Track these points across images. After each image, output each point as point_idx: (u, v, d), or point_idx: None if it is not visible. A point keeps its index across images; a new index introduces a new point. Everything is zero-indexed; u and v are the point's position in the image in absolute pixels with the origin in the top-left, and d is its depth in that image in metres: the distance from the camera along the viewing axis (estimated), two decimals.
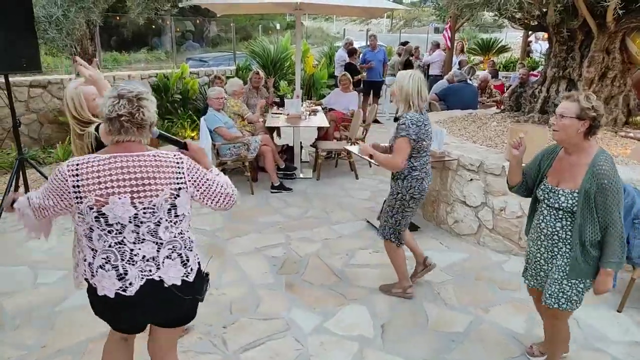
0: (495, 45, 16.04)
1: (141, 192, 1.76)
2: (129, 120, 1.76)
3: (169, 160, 1.84)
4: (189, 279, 1.90)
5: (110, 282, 1.79)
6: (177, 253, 1.87)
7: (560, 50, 5.44)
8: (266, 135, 6.03)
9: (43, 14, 4.22)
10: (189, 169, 1.88)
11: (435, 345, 2.94)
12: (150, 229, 1.81)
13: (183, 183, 1.85)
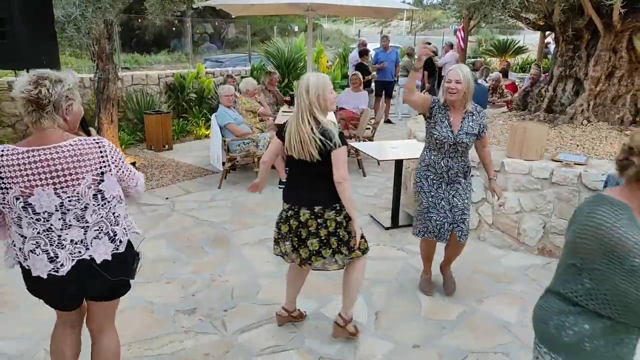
0: (512, 47, 15.94)
1: (63, 183, 1.81)
2: (27, 99, 1.77)
3: (89, 146, 1.86)
4: (119, 251, 2.00)
5: (42, 264, 1.87)
6: (104, 232, 1.95)
7: (566, 49, 5.45)
8: (275, 132, 6.18)
9: (62, 13, 4.45)
10: (111, 151, 1.94)
11: (426, 332, 3.04)
12: (77, 215, 1.88)
13: (107, 166, 1.90)
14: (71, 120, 1.92)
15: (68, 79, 1.87)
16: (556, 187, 3.96)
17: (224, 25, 19.61)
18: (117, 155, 1.97)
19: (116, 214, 1.99)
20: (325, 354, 2.81)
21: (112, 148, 1.96)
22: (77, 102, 1.93)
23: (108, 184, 1.92)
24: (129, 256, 2.07)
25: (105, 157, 1.90)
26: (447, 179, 3.19)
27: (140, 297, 3.34)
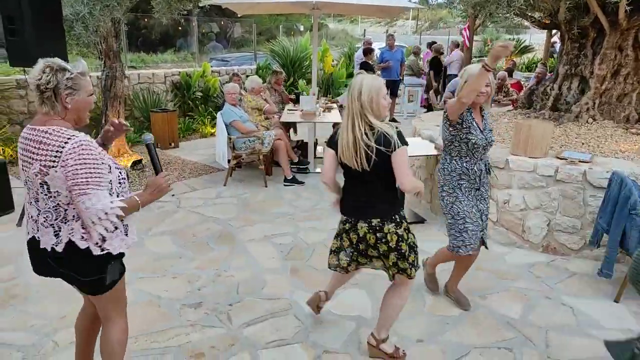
0: (518, 46, 15.89)
1: (25, 163, 1.93)
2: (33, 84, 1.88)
3: (54, 139, 1.86)
4: (57, 249, 1.95)
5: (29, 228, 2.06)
6: (49, 223, 1.95)
7: (572, 47, 5.45)
8: (280, 130, 6.21)
9: (71, 12, 4.51)
10: (69, 154, 1.83)
11: (430, 327, 3.06)
12: (34, 196, 1.97)
13: (55, 163, 1.85)
14: (73, 109, 1.93)
15: (75, 69, 1.91)
16: (561, 185, 3.96)
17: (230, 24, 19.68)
18: (76, 160, 1.83)
19: (67, 211, 1.94)
20: (330, 348, 2.84)
21: (77, 151, 1.84)
22: (82, 92, 1.93)
23: (53, 179, 1.88)
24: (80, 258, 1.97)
25: (60, 153, 1.84)
26: (478, 184, 3.04)
27: (147, 292, 3.39)
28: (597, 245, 3.63)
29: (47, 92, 1.87)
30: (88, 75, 1.98)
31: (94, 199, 1.85)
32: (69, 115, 1.94)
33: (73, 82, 1.90)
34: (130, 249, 2.11)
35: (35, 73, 1.87)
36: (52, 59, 1.91)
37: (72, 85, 1.90)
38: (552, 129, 4.24)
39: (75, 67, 1.92)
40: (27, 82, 1.96)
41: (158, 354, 2.75)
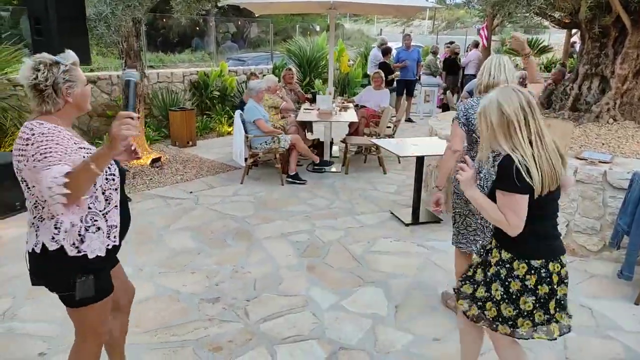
0: (537, 46, 15.67)
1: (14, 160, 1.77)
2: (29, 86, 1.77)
3: (23, 132, 1.73)
4: (35, 250, 1.82)
5: None
6: (31, 222, 1.85)
7: (592, 47, 5.38)
8: (297, 135, 6.18)
9: (94, 11, 4.61)
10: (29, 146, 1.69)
11: (446, 326, 3.05)
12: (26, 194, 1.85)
13: (24, 158, 1.71)
14: (75, 103, 1.84)
15: (67, 60, 1.82)
16: (580, 185, 3.92)
17: (247, 24, 19.80)
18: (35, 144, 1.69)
19: (44, 208, 1.79)
20: (346, 345, 2.86)
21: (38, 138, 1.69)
22: (79, 83, 1.84)
23: (26, 175, 1.75)
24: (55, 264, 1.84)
25: (26, 145, 1.70)
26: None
27: (167, 286, 3.45)
28: (617, 246, 3.58)
29: (48, 90, 1.76)
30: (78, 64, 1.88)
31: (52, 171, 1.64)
32: (71, 109, 1.85)
33: (70, 74, 1.81)
34: (148, 244, 2.15)
35: (27, 73, 1.75)
36: (40, 55, 1.80)
37: (70, 78, 1.81)
38: (571, 129, 4.20)
39: (67, 59, 1.83)
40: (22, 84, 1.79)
41: (177, 347, 2.80)
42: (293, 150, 5.90)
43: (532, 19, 6.45)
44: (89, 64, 4.66)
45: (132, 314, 2.53)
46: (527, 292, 1.95)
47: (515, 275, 1.97)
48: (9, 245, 4.05)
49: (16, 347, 2.77)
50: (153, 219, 4.66)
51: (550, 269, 1.95)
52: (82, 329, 2.00)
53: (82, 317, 1.94)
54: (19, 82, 1.83)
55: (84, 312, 1.91)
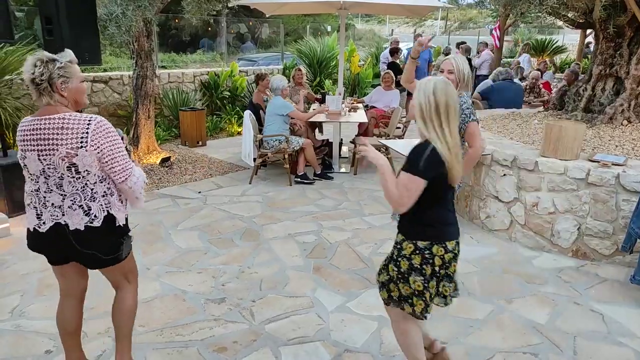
0: (550, 46, 15.50)
1: (44, 151, 2.01)
2: (29, 79, 1.99)
3: (76, 122, 2.00)
4: (94, 225, 2.10)
5: (32, 218, 2.15)
6: (78, 204, 2.07)
7: (607, 47, 5.28)
8: (309, 140, 6.15)
9: (105, 12, 4.65)
10: (95, 131, 2.00)
11: (453, 329, 3.02)
12: (56, 182, 2.06)
13: (84, 143, 1.99)
14: (69, 96, 2.06)
15: (64, 58, 2.02)
16: (592, 188, 3.85)
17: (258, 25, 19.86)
18: (103, 138, 2.03)
19: (94, 190, 2.09)
20: (351, 347, 2.84)
21: (101, 129, 2.02)
22: (74, 79, 2.05)
23: (82, 159, 2.01)
24: (107, 233, 2.15)
25: (86, 134, 1.99)
26: None
27: (173, 286, 3.46)
28: (629, 251, 3.51)
29: (43, 84, 1.98)
30: (75, 62, 2.09)
31: (135, 171, 2.12)
32: (67, 104, 2.06)
33: (64, 70, 2.01)
34: (156, 243, 2.20)
35: (28, 68, 1.98)
36: (39, 53, 2.01)
37: (64, 74, 2.00)
38: (584, 131, 4.13)
39: (64, 57, 2.03)
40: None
41: (182, 347, 2.80)
42: (302, 151, 5.89)
43: (545, 19, 6.37)
44: (100, 63, 4.69)
45: (138, 313, 2.55)
46: (414, 271, 2.14)
47: (403, 254, 2.17)
48: (19, 243, 4.10)
49: (23, 344, 2.80)
50: (161, 218, 4.68)
51: (433, 252, 2.12)
52: (125, 276, 2.37)
53: (124, 267, 2.32)
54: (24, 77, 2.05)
55: (124, 263, 2.30)
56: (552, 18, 6.08)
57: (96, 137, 2.01)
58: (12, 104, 6.15)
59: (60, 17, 4.30)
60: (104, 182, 2.13)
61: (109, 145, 2.05)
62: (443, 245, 2.14)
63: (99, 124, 2.02)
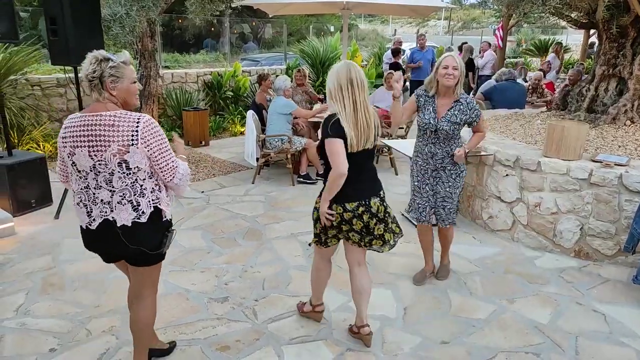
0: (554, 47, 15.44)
1: (95, 147, 2.06)
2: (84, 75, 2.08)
3: (126, 120, 2.06)
4: (141, 220, 2.15)
5: (83, 217, 2.20)
6: (127, 200, 2.12)
7: (610, 47, 5.27)
8: (311, 141, 6.16)
9: (109, 12, 4.67)
10: (144, 130, 2.06)
11: (455, 329, 3.02)
12: (106, 178, 2.10)
13: (135, 140, 2.05)
14: (118, 96, 2.12)
15: (118, 58, 2.09)
16: (595, 188, 3.85)
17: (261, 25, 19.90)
18: (152, 136, 2.09)
19: (143, 186, 2.14)
20: (354, 347, 2.85)
21: (151, 128, 2.08)
22: (125, 79, 2.11)
23: (133, 156, 2.06)
24: (153, 229, 2.20)
25: (136, 132, 2.04)
26: (432, 166, 3.32)
27: (176, 284, 3.48)
28: (632, 251, 3.51)
29: (94, 81, 2.05)
30: (130, 63, 2.15)
31: (180, 170, 2.19)
32: (117, 102, 2.12)
33: (116, 70, 2.07)
34: None
35: (85, 65, 2.07)
36: (99, 51, 2.09)
37: (115, 73, 2.07)
38: (587, 131, 4.13)
39: (119, 57, 2.10)
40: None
41: (185, 346, 2.82)
42: (304, 151, 5.91)
43: (548, 19, 6.37)
44: None
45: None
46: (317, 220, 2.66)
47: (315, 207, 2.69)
48: (25, 242, 4.13)
49: (28, 343, 2.82)
50: None
51: (332, 209, 2.55)
52: (152, 281, 2.40)
53: (154, 272, 2.36)
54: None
55: (155, 268, 2.35)
56: (555, 18, 6.07)
57: (145, 135, 2.06)
58: (16, 104, 6.20)
59: (65, 17, 4.33)
60: (152, 177, 2.19)
61: (158, 143, 2.11)
62: (342, 205, 2.53)
63: (147, 123, 2.07)
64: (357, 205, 2.54)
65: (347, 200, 2.53)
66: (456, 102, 3.21)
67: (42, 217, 4.65)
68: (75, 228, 4.36)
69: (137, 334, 2.42)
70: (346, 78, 2.41)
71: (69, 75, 5.36)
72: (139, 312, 2.39)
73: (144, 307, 2.39)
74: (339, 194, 2.51)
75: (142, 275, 2.34)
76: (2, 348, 2.77)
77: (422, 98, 3.30)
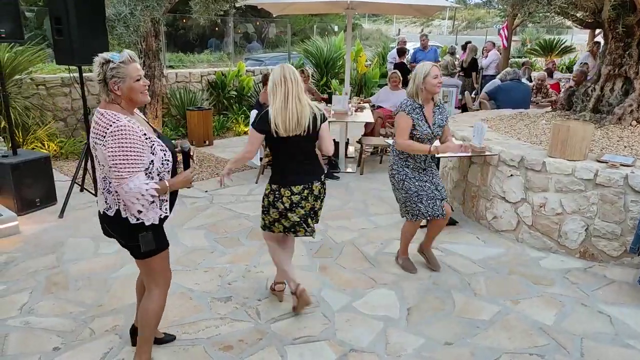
0: (558, 46, 15.39)
1: (92, 139, 2.19)
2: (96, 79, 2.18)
3: (105, 121, 2.12)
4: (108, 213, 2.26)
5: (102, 203, 2.33)
6: (102, 191, 2.28)
7: (616, 47, 5.24)
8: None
9: (113, 12, 4.68)
10: (111, 134, 2.08)
11: (459, 330, 3.01)
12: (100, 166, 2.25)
13: (102, 140, 2.12)
14: (123, 95, 2.17)
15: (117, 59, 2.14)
16: (600, 189, 3.82)
17: (265, 25, 19.90)
18: (114, 142, 2.07)
19: (111, 183, 2.20)
20: (357, 347, 2.84)
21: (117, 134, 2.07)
22: (127, 79, 2.15)
23: (99, 154, 2.16)
24: (121, 224, 2.26)
25: (105, 134, 2.10)
26: (424, 165, 3.53)
27: (180, 284, 3.47)
28: (638, 252, 3.48)
29: (101, 83, 2.15)
30: (132, 62, 2.17)
31: (130, 183, 2.11)
32: (123, 100, 2.18)
33: (116, 71, 2.12)
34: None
35: (94, 68, 2.17)
36: (103, 54, 2.16)
37: (116, 74, 2.12)
38: (592, 131, 4.10)
39: (118, 58, 2.14)
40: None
41: (188, 345, 2.82)
42: None
43: (553, 19, 6.33)
44: None
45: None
46: (271, 206, 2.98)
47: (265, 194, 3.02)
48: (29, 241, 4.14)
49: (32, 341, 2.82)
50: None
51: (281, 193, 2.91)
52: (152, 276, 2.44)
53: (151, 265, 2.39)
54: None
55: (151, 261, 2.37)
56: (560, 18, 6.04)
57: (109, 139, 2.08)
58: (21, 104, 6.22)
59: (70, 17, 4.34)
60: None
61: (115, 150, 2.08)
62: (289, 189, 2.88)
63: (117, 129, 2.08)
64: (302, 189, 2.90)
65: (292, 184, 2.91)
66: (436, 106, 3.52)
67: (46, 216, 4.67)
68: (79, 228, 4.42)
69: (140, 323, 2.53)
70: (280, 76, 2.81)
71: (74, 75, 5.36)
72: (143, 301, 2.49)
73: (147, 297, 2.48)
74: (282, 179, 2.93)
75: (139, 266, 2.44)
76: (6, 347, 2.77)
77: (414, 112, 3.42)
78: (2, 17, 4.31)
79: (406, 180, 3.51)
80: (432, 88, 3.33)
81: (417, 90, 3.40)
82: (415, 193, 3.50)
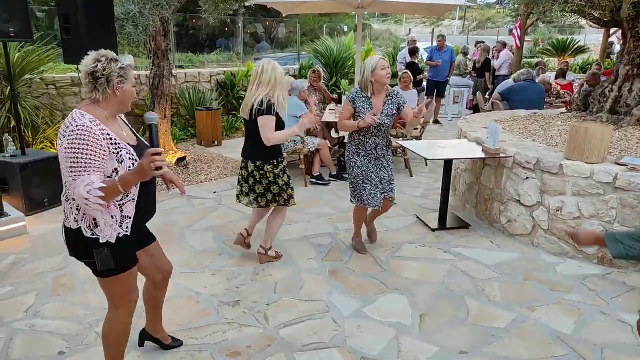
0: (572, 46, 15.17)
1: None
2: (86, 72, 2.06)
3: (69, 121, 1.99)
4: (66, 224, 2.12)
5: None
6: (64, 196, 2.11)
7: (635, 46, 5.10)
8: (325, 142, 6.08)
9: (122, 11, 4.64)
10: (69, 134, 1.94)
11: (474, 338, 2.91)
12: None
13: (61, 141, 1.99)
14: (121, 97, 2.10)
15: (125, 61, 2.10)
16: (620, 193, 3.70)
17: (275, 25, 19.87)
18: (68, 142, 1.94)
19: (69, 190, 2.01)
20: (368, 355, 2.75)
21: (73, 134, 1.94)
22: (129, 82, 2.11)
23: (60, 155, 2.02)
24: (73, 235, 2.09)
25: (64, 133, 1.97)
26: (375, 154, 3.72)
27: (187, 287, 3.42)
28: None
29: (102, 79, 2.03)
30: (132, 68, 2.16)
31: (77, 184, 1.92)
32: (114, 103, 2.09)
33: (124, 72, 2.08)
34: (170, 244, 2.14)
35: (89, 62, 2.04)
36: (104, 51, 2.08)
37: (123, 74, 2.08)
38: (610, 133, 3.98)
39: (125, 61, 2.11)
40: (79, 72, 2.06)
41: (195, 351, 2.75)
42: (318, 152, 5.82)
43: (568, 18, 6.20)
44: None
45: None
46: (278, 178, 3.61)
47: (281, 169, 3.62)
48: (37, 242, 4.11)
49: (37, 345, 2.78)
50: (176, 219, 4.65)
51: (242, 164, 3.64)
52: (112, 297, 2.27)
53: (110, 286, 2.21)
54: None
55: (110, 282, 2.18)
56: (576, 17, 5.91)
57: (66, 139, 1.95)
58: (31, 103, 6.21)
59: (78, 16, 4.30)
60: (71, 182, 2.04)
61: (67, 151, 1.94)
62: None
63: (74, 129, 1.94)
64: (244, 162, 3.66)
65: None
66: (387, 96, 3.66)
67: (54, 217, 4.64)
68: None
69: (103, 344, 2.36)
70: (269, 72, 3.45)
71: None
72: (104, 322, 2.33)
73: (107, 319, 2.31)
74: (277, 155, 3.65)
75: (100, 285, 2.23)
76: (11, 350, 2.73)
77: (359, 100, 3.63)
78: (11, 17, 4.29)
79: (355, 167, 3.74)
80: (381, 79, 3.54)
81: (367, 84, 3.60)
82: (361, 180, 3.72)
